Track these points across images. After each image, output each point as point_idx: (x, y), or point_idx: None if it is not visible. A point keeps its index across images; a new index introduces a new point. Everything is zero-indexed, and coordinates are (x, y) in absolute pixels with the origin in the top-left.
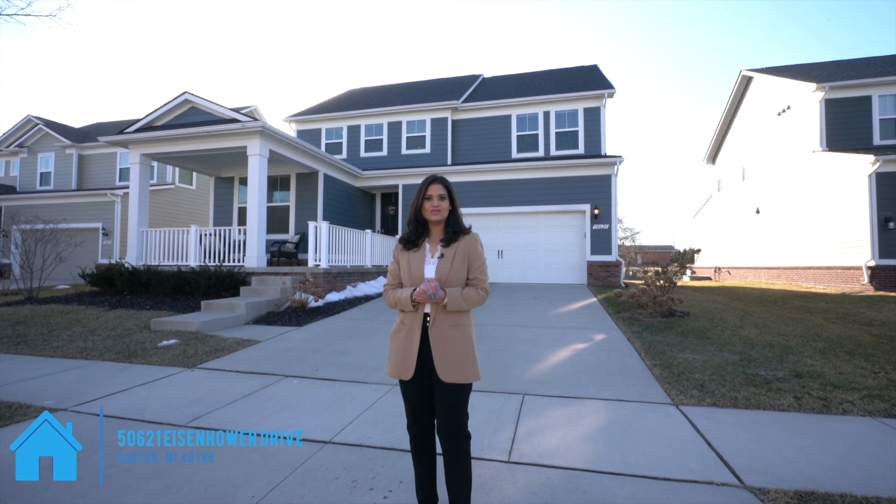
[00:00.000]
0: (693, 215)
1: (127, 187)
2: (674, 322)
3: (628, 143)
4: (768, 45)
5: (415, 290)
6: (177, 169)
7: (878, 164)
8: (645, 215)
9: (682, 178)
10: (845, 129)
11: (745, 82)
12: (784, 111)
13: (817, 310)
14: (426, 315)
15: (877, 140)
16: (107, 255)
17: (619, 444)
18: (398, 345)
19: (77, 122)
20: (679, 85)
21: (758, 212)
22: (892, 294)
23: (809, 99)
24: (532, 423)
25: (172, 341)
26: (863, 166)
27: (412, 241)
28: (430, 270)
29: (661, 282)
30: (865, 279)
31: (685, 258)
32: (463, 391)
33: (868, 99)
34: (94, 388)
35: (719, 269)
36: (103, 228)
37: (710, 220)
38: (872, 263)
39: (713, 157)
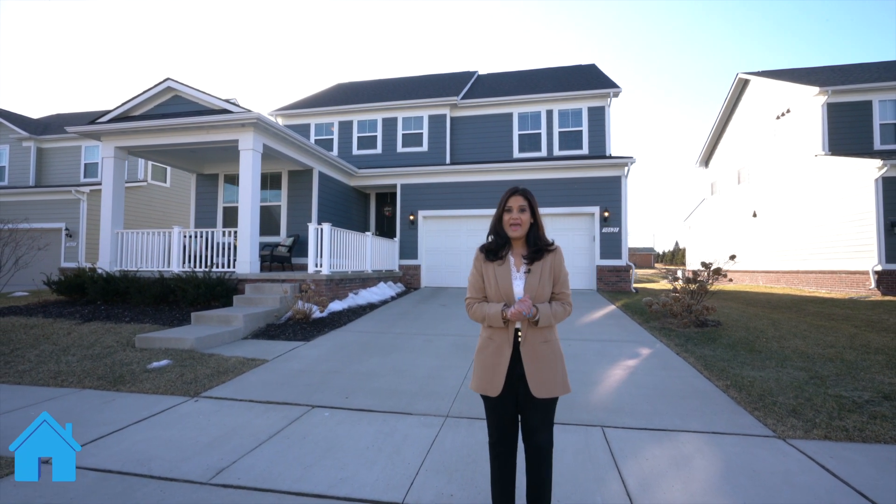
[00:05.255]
0: (685, 218)
1: (94, 184)
2: (711, 332)
3: (616, 146)
4: (761, 50)
5: (505, 306)
6: (149, 165)
7: (885, 169)
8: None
9: (665, 182)
10: (847, 133)
11: (742, 85)
12: (783, 114)
13: (838, 316)
14: (516, 331)
15: (878, 145)
16: (71, 259)
17: (762, 500)
18: (486, 361)
19: (33, 113)
20: (662, 88)
21: (755, 215)
22: None
23: (811, 103)
24: (636, 468)
25: (165, 362)
26: (869, 171)
27: (495, 252)
28: (518, 286)
29: (693, 286)
30: (872, 284)
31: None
32: (553, 403)
33: (869, 104)
34: (79, 429)
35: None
36: (66, 229)
37: (702, 223)
38: (879, 268)
39: (706, 160)
